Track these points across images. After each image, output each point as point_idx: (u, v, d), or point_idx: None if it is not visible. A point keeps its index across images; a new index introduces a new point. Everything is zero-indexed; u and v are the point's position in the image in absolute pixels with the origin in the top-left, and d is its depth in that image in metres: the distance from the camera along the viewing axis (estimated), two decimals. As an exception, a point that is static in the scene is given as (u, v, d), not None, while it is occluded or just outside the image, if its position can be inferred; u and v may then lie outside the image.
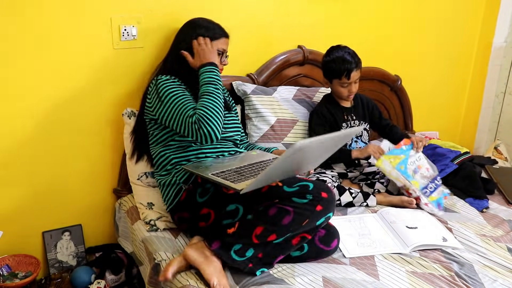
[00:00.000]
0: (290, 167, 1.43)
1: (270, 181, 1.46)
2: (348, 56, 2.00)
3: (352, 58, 2.00)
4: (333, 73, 2.02)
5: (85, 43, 1.80)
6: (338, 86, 2.05)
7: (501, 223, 1.89)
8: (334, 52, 2.04)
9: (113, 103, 1.92)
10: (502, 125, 3.09)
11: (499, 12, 2.87)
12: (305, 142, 1.26)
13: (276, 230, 1.42)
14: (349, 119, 2.14)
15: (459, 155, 2.31)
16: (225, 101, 1.86)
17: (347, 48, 2.04)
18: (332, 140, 1.43)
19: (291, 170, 1.48)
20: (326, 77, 2.09)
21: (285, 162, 1.33)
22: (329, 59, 2.03)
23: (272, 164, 1.32)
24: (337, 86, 2.05)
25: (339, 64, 1.99)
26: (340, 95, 2.09)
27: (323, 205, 1.43)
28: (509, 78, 3.03)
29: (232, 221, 1.51)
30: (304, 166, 1.55)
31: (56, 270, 1.95)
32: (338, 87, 2.05)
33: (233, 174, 1.52)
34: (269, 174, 1.35)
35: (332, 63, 2.01)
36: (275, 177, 1.46)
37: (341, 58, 1.99)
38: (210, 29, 1.76)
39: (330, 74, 2.05)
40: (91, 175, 1.97)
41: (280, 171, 1.40)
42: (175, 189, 1.66)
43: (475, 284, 1.47)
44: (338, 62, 2.00)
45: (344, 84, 2.03)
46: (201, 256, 1.45)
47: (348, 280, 1.46)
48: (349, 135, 1.54)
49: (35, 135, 1.81)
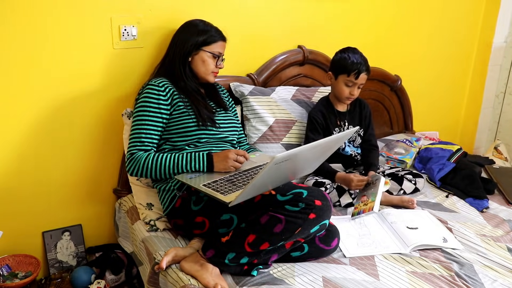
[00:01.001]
0: (279, 176, 1.41)
1: (261, 190, 1.44)
2: (362, 58, 2.01)
3: (365, 62, 2.01)
4: (343, 68, 2.00)
5: (85, 43, 1.80)
6: (343, 83, 2.02)
7: (501, 223, 1.89)
8: (349, 51, 2.03)
9: (113, 103, 1.92)
10: (502, 125, 3.10)
11: (499, 12, 2.88)
12: (283, 155, 1.24)
13: (268, 239, 1.41)
14: (342, 125, 2.12)
15: (453, 153, 2.32)
16: (221, 101, 1.87)
17: (361, 53, 2.05)
18: (320, 147, 1.41)
19: (283, 178, 1.46)
20: (332, 72, 2.06)
21: (269, 174, 1.31)
22: (344, 55, 2.02)
23: (255, 176, 1.29)
24: (341, 84, 2.02)
25: (352, 61, 1.99)
26: (340, 95, 2.05)
27: (316, 213, 1.41)
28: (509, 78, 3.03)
29: (227, 230, 1.52)
30: (299, 172, 1.53)
31: (56, 270, 1.95)
32: (342, 85, 2.02)
33: (225, 183, 1.51)
34: (255, 186, 1.33)
35: (346, 59, 2.00)
36: (265, 188, 1.44)
37: (355, 57, 2.00)
38: (207, 32, 1.76)
39: (338, 69, 2.02)
40: (91, 175, 1.97)
41: (269, 181, 1.38)
42: (170, 195, 1.66)
43: (475, 284, 1.47)
44: (351, 59, 1.99)
45: (350, 83, 2.01)
46: (196, 265, 1.46)
47: (348, 280, 1.46)
48: (342, 139, 1.52)
49: (35, 135, 1.80)
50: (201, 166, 1.60)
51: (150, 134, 1.66)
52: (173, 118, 1.70)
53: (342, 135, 1.49)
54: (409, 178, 2.06)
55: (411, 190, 2.06)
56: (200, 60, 1.76)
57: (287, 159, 1.29)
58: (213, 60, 1.77)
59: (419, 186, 2.08)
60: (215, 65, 1.78)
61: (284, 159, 1.27)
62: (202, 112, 1.71)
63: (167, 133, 1.70)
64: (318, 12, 2.34)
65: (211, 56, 1.76)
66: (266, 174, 1.28)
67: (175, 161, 1.61)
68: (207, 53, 1.76)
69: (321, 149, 1.45)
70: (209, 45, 1.75)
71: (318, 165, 1.62)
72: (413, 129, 2.80)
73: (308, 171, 1.64)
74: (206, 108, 1.74)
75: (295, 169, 1.46)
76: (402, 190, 2.04)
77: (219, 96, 1.88)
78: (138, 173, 1.63)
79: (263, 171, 1.26)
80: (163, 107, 1.68)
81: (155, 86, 1.69)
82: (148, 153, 1.63)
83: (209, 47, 1.76)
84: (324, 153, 1.52)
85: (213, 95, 1.86)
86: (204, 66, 1.77)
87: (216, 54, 1.77)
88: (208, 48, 1.76)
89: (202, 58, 1.76)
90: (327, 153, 1.54)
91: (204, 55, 1.75)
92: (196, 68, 1.77)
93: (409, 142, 2.47)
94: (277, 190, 1.48)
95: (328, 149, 1.52)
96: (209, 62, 1.76)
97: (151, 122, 1.66)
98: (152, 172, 1.62)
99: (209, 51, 1.76)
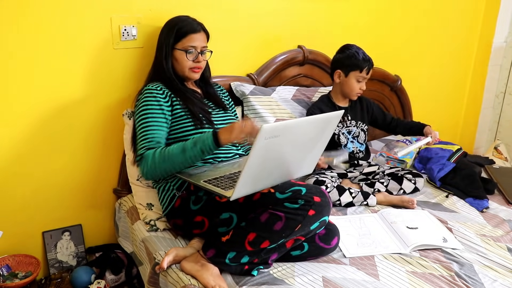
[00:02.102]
0: (275, 166, 1.40)
1: (260, 184, 1.43)
2: (366, 55, 2.07)
3: (369, 57, 2.07)
4: (355, 65, 2.05)
5: (85, 43, 1.80)
6: (354, 80, 2.07)
7: (501, 223, 1.89)
8: (354, 47, 2.08)
9: (113, 103, 1.92)
10: (502, 125, 3.10)
11: (499, 12, 2.88)
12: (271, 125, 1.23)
13: (268, 236, 1.41)
14: (345, 120, 2.14)
15: (453, 153, 2.32)
16: (219, 100, 1.86)
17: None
18: (310, 125, 1.38)
19: (280, 170, 1.44)
20: (342, 69, 2.08)
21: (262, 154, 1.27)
22: (352, 51, 2.06)
23: (249, 157, 1.26)
24: (353, 80, 2.07)
25: (363, 58, 2.04)
26: (352, 91, 2.09)
27: (315, 209, 1.41)
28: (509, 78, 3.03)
29: (227, 229, 1.52)
30: (294, 166, 1.50)
31: (56, 270, 1.95)
32: (354, 81, 2.07)
33: (225, 180, 1.50)
34: (251, 171, 1.30)
35: (356, 55, 2.04)
36: (263, 181, 1.42)
37: (363, 54, 2.05)
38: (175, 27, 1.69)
39: (350, 66, 2.06)
40: (91, 175, 1.97)
41: (265, 169, 1.36)
42: (170, 195, 1.66)
43: (475, 284, 1.47)
44: (361, 56, 2.04)
45: (360, 78, 2.06)
46: (197, 265, 1.46)
47: (348, 280, 1.46)
48: (329, 119, 1.45)
49: (35, 135, 1.80)
50: (207, 142, 1.47)
51: (156, 134, 1.62)
52: (173, 120, 1.69)
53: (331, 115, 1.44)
54: (409, 178, 2.06)
55: (411, 190, 2.06)
56: (175, 60, 1.73)
57: (276, 135, 1.26)
58: (186, 56, 1.70)
59: (418, 186, 2.08)
60: (192, 59, 1.71)
61: (273, 132, 1.25)
62: (197, 112, 1.69)
63: (169, 135, 1.69)
64: (318, 12, 2.34)
65: (184, 52, 1.70)
66: (258, 152, 1.26)
67: (181, 146, 1.52)
68: (178, 50, 1.71)
69: (314, 129, 1.41)
70: (179, 41, 1.70)
71: (313, 161, 1.58)
72: (413, 129, 2.79)
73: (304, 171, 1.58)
74: (201, 108, 1.72)
75: (288, 160, 1.43)
76: (402, 190, 2.04)
77: (217, 96, 1.87)
78: (150, 171, 1.54)
79: (254, 149, 1.24)
80: (165, 108, 1.66)
81: (153, 90, 1.68)
82: (155, 149, 1.56)
83: (179, 43, 1.70)
84: (316, 136, 1.45)
85: (211, 94, 1.85)
86: (178, 64, 1.72)
87: (189, 49, 1.70)
88: (179, 45, 1.70)
89: (175, 57, 1.72)
90: (319, 138, 1.48)
91: (176, 53, 1.71)
92: (175, 70, 1.74)
93: (409, 142, 2.47)
94: (276, 188, 1.48)
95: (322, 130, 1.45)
96: (182, 59, 1.71)
97: (156, 122, 1.63)
98: (162, 165, 1.52)
99: (180, 48, 1.70)
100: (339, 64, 2.09)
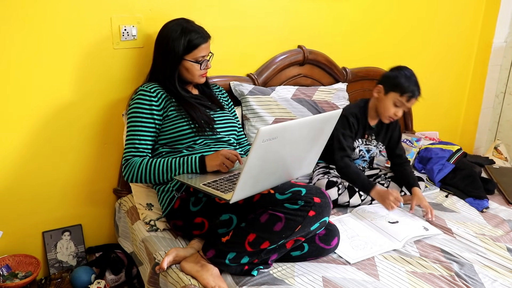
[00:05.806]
0: (273, 168, 1.39)
1: (259, 186, 1.42)
2: (417, 83, 1.93)
3: (419, 88, 1.93)
4: (397, 86, 1.91)
5: (85, 43, 1.80)
6: (391, 101, 1.93)
7: (501, 223, 1.89)
8: (407, 70, 1.95)
9: (113, 103, 1.92)
10: (502, 125, 3.10)
11: (499, 12, 2.88)
12: (268, 128, 1.23)
13: (268, 237, 1.41)
14: (369, 138, 2.07)
15: (453, 153, 2.32)
16: (215, 99, 1.85)
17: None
18: (308, 126, 1.38)
19: (279, 172, 1.44)
20: (384, 86, 1.96)
21: (260, 156, 1.28)
22: (403, 73, 1.93)
23: (247, 159, 1.26)
24: (390, 101, 1.94)
25: (410, 83, 1.91)
26: (385, 112, 1.96)
27: (315, 210, 1.41)
28: (509, 78, 3.03)
29: (226, 230, 1.52)
30: (293, 166, 1.49)
31: (56, 270, 1.95)
32: (390, 102, 1.94)
33: (225, 183, 1.50)
34: (250, 173, 1.30)
35: (404, 77, 1.92)
36: (262, 183, 1.42)
37: (413, 80, 1.92)
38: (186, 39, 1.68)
39: (393, 86, 1.93)
40: (91, 175, 1.97)
41: (263, 171, 1.36)
42: (169, 196, 1.66)
43: (475, 284, 1.47)
44: (409, 81, 1.91)
45: (399, 103, 1.93)
46: (197, 266, 1.46)
47: (348, 280, 1.46)
48: (327, 118, 1.45)
49: (35, 135, 1.80)
50: (193, 168, 1.59)
51: (144, 140, 1.66)
52: (167, 122, 1.69)
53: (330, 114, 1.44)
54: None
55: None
56: (184, 69, 1.72)
57: (274, 137, 1.26)
58: (197, 65, 1.72)
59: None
60: (201, 68, 1.73)
61: (271, 134, 1.25)
62: (198, 118, 1.69)
63: (163, 137, 1.69)
64: (318, 12, 2.34)
65: (195, 63, 1.71)
66: (256, 154, 1.26)
67: (168, 166, 1.61)
68: (189, 62, 1.70)
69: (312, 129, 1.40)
70: (190, 53, 1.69)
71: (312, 161, 1.57)
72: (413, 129, 2.79)
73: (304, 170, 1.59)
74: (201, 113, 1.72)
75: (289, 159, 1.43)
76: (403, 192, 2.04)
77: (213, 95, 1.86)
78: (134, 179, 1.64)
79: (252, 151, 1.24)
80: (155, 112, 1.67)
81: (146, 91, 1.68)
82: (142, 158, 1.64)
83: (190, 55, 1.69)
84: (316, 136, 1.45)
85: (207, 93, 1.85)
86: (189, 73, 1.73)
87: (200, 59, 1.72)
88: (190, 56, 1.70)
89: (185, 67, 1.72)
90: (319, 137, 1.47)
91: (187, 64, 1.71)
92: (183, 76, 1.75)
93: (409, 142, 2.47)
94: (275, 189, 1.48)
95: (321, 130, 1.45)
96: (194, 68, 1.72)
97: (144, 127, 1.66)
98: (147, 177, 1.63)
99: (191, 59, 1.70)
100: (384, 79, 1.99)
